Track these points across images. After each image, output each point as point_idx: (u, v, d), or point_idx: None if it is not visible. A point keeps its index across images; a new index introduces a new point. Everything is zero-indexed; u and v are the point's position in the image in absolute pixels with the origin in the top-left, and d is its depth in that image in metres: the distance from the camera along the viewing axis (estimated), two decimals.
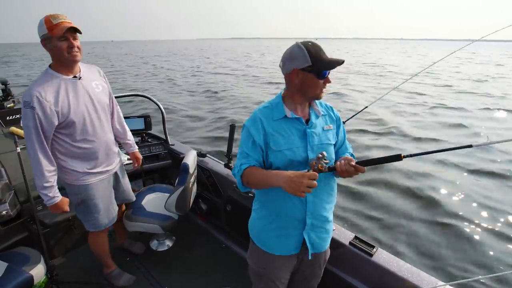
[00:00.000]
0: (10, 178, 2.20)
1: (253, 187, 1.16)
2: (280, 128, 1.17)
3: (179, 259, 2.32)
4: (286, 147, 1.15)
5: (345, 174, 1.11)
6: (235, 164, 1.20)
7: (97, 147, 1.67)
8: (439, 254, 3.19)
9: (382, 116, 8.34)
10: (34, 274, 1.61)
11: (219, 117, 8.42)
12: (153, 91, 12.74)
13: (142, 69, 22.52)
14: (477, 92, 12.78)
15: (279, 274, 1.30)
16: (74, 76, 1.55)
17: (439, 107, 9.72)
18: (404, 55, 42.33)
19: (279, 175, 1.04)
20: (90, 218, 1.80)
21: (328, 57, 1.11)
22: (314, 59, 1.09)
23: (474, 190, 4.43)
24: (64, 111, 1.49)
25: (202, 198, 2.65)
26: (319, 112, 1.23)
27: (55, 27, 1.40)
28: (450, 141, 6.39)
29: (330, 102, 1.32)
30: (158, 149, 2.83)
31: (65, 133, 1.56)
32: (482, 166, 5.13)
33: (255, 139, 1.16)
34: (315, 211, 1.22)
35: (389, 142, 6.46)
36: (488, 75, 19.05)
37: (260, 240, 1.30)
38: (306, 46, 1.10)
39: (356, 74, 18.81)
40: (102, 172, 1.75)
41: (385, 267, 1.48)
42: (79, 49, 1.50)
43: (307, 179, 0.97)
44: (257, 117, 1.19)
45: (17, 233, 2.10)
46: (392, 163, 1.09)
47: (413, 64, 26.95)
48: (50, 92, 1.46)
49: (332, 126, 1.26)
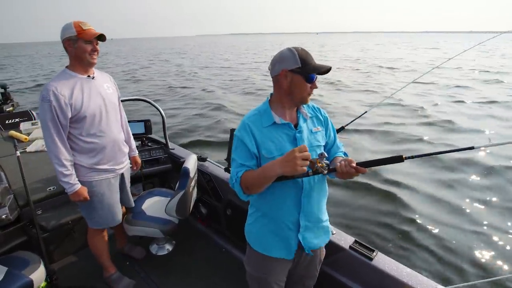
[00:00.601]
0: (9, 182, 2.20)
1: (253, 191, 1.14)
2: (270, 134, 1.17)
3: (179, 263, 2.31)
4: (277, 154, 1.14)
5: (345, 175, 1.11)
6: (231, 175, 1.19)
7: (105, 143, 1.75)
8: (440, 257, 3.19)
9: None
10: (34, 278, 1.60)
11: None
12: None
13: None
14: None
15: (276, 277, 1.31)
16: (88, 75, 1.70)
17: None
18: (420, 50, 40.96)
19: (273, 164, 1.04)
20: (94, 216, 1.85)
21: (316, 63, 1.14)
22: (303, 61, 1.11)
23: (475, 190, 4.46)
24: (77, 105, 1.61)
25: (202, 202, 2.65)
26: (306, 116, 1.24)
27: (84, 32, 1.59)
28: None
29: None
30: (158, 153, 2.84)
31: (76, 128, 1.65)
32: (482, 167, 5.16)
33: (249, 147, 1.16)
34: (309, 213, 1.23)
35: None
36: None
37: (256, 243, 1.31)
38: (297, 50, 1.13)
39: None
40: (109, 170, 1.80)
41: (385, 271, 1.49)
42: (98, 53, 1.69)
43: (298, 152, 0.97)
44: (246, 125, 1.18)
45: (17, 237, 2.09)
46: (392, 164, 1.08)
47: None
48: (66, 87, 1.59)
49: (320, 128, 1.27)
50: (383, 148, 6.12)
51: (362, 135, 6.78)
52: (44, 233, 2.04)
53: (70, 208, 2.22)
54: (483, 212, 4.00)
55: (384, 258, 1.56)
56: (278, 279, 1.32)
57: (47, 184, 2.29)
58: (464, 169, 5.14)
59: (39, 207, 2.13)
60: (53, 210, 2.19)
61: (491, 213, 3.96)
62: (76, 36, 1.58)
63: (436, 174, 5.01)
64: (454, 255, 3.22)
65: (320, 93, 11.15)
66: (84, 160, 1.71)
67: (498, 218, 3.85)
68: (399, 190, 4.50)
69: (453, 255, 3.22)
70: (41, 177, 2.38)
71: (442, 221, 3.79)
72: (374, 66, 20.89)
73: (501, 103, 9.72)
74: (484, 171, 5.06)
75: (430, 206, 4.12)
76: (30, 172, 2.29)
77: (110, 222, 1.91)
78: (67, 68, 1.67)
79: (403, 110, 9.01)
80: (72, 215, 2.18)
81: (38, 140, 3.09)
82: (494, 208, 4.08)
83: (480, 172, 5.03)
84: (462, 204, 4.16)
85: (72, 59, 1.66)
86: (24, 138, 3.12)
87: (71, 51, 1.62)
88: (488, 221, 3.80)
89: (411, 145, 6.31)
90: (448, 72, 16.55)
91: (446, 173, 5.06)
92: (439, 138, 6.59)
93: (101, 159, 1.75)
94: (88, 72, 1.71)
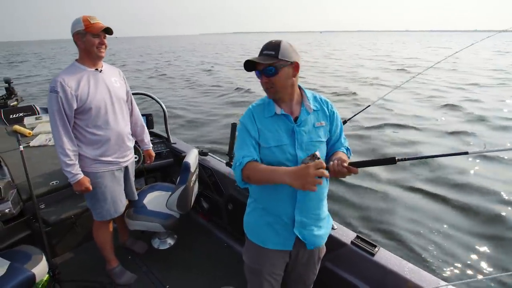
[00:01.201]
0: (13, 177, 2.21)
1: (253, 182, 1.13)
2: (270, 125, 1.18)
3: (181, 257, 2.32)
4: (274, 144, 1.15)
5: (337, 174, 1.08)
6: (234, 158, 1.19)
7: (110, 135, 1.78)
8: (442, 253, 3.17)
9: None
10: (36, 272, 1.61)
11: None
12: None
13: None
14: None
15: (271, 269, 1.30)
16: (96, 69, 1.74)
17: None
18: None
19: (283, 171, 1.01)
20: (97, 207, 1.88)
21: (250, 58, 1.12)
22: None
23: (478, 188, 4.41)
24: (83, 97, 1.65)
25: (203, 197, 2.65)
26: (310, 109, 1.21)
27: (92, 26, 1.62)
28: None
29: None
30: (160, 147, 2.84)
31: (81, 119, 1.70)
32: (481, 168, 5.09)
33: (252, 134, 1.17)
34: (304, 209, 1.21)
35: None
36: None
37: (253, 233, 1.31)
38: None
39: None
40: (113, 162, 1.83)
41: (387, 266, 1.47)
42: (106, 47, 1.72)
43: (313, 169, 0.92)
44: (250, 113, 1.21)
45: (20, 232, 2.11)
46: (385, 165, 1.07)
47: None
48: (73, 79, 1.64)
49: (324, 123, 1.23)
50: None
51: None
52: (47, 227, 2.05)
53: (73, 202, 2.23)
54: (487, 209, 3.95)
55: (386, 254, 1.54)
56: (273, 272, 1.31)
57: (50, 179, 2.30)
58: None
59: (42, 202, 2.14)
60: (56, 205, 2.20)
61: (497, 210, 3.91)
62: (84, 30, 1.62)
63: (438, 172, 4.97)
64: (457, 252, 3.19)
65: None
66: (89, 151, 1.75)
67: (503, 215, 3.81)
68: (401, 187, 4.48)
69: (457, 251, 3.20)
70: (44, 171, 2.39)
71: (445, 218, 3.76)
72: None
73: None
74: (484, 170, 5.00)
75: (433, 204, 4.08)
76: (33, 167, 2.30)
77: (113, 213, 1.93)
78: (76, 61, 1.72)
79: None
80: (75, 210, 2.19)
81: (42, 134, 3.10)
82: (497, 205, 4.04)
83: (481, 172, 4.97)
84: (465, 202, 4.11)
85: (81, 52, 1.70)
86: (27, 132, 3.14)
87: (80, 44, 1.67)
88: (493, 218, 3.76)
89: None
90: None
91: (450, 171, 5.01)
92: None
93: (105, 151, 1.78)
94: (96, 65, 1.74)
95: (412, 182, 4.60)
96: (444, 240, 3.37)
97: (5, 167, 2.30)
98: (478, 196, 4.23)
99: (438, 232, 3.50)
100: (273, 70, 1.10)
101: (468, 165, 5.14)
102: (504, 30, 1.79)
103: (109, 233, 2.04)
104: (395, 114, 8.29)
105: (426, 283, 1.35)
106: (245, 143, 1.16)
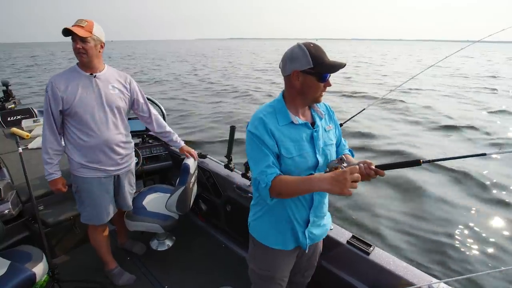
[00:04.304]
0: (12, 178, 2.22)
1: (284, 197, 1.10)
2: (289, 134, 1.12)
3: (179, 258, 2.34)
4: (296, 154, 1.11)
5: (365, 178, 1.07)
6: (254, 177, 1.11)
7: (96, 143, 1.73)
8: (436, 252, 3.22)
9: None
10: (36, 272, 1.62)
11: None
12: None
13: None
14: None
15: (281, 274, 1.31)
16: (91, 73, 1.71)
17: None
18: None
19: (318, 179, 0.97)
20: (82, 210, 1.89)
21: (330, 60, 1.07)
22: (315, 61, 1.05)
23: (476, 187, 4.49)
24: (69, 99, 1.64)
25: (202, 199, 2.67)
26: (322, 114, 1.21)
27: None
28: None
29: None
30: (159, 150, 2.86)
31: (70, 121, 1.71)
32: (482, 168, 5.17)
33: (269, 146, 1.09)
34: (317, 209, 1.25)
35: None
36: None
37: (263, 237, 1.28)
38: (308, 47, 1.05)
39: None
40: (99, 169, 1.78)
41: (382, 265, 1.51)
42: (86, 50, 1.61)
43: (349, 173, 0.90)
44: (262, 121, 1.11)
45: (19, 232, 2.12)
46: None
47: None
48: (63, 81, 1.65)
49: (332, 126, 1.26)
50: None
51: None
52: (46, 228, 2.06)
53: (72, 203, 2.24)
54: (482, 207, 4.02)
55: (381, 253, 1.58)
56: (284, 275, 1.33)
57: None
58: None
59: (41, 203, 2.15)
60: (54, 206, 2.21)
61: (491, 208, 3.98)
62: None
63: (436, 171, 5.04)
64: (449, 249, 3.25)
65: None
66: (75, 155, 1.74)
67: (497, 212, 3.87)
68: (397, 186, 4.54)
69: (448, 249, 3.26)
70: (42, 173, 2.37)
71: (439, 216, 3.82)
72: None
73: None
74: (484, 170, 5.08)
75: (428, 203, 4.14)
76: (32, 169, 2.31)
77: (95, 220, 1.89)
78: (76, 65, 1.73)
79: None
80: (74, 211, 2.20)
81: (40, 137, 3.11)
82: (494, 203, 4.11)
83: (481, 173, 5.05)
84: (459, 200, 4.18)
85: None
86: (25, 135, 3.14)
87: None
88: (486, 215, 3.83)
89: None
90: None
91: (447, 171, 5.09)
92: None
93: (90, 157, 1.74)
94: (91, 70, 1.70)
95: (409, 182, 4.66)
96: (438, 238, 3.43)
97: (4, 169, 2.31)
98: (473, 196, 4.30)
99: (432, 232, 3.55)
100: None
101: (463, 165, 5.23)
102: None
103: (103, 236, 2.02)
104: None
105: (419, 281, 1.39)
106: (264, 158, 1.09)
